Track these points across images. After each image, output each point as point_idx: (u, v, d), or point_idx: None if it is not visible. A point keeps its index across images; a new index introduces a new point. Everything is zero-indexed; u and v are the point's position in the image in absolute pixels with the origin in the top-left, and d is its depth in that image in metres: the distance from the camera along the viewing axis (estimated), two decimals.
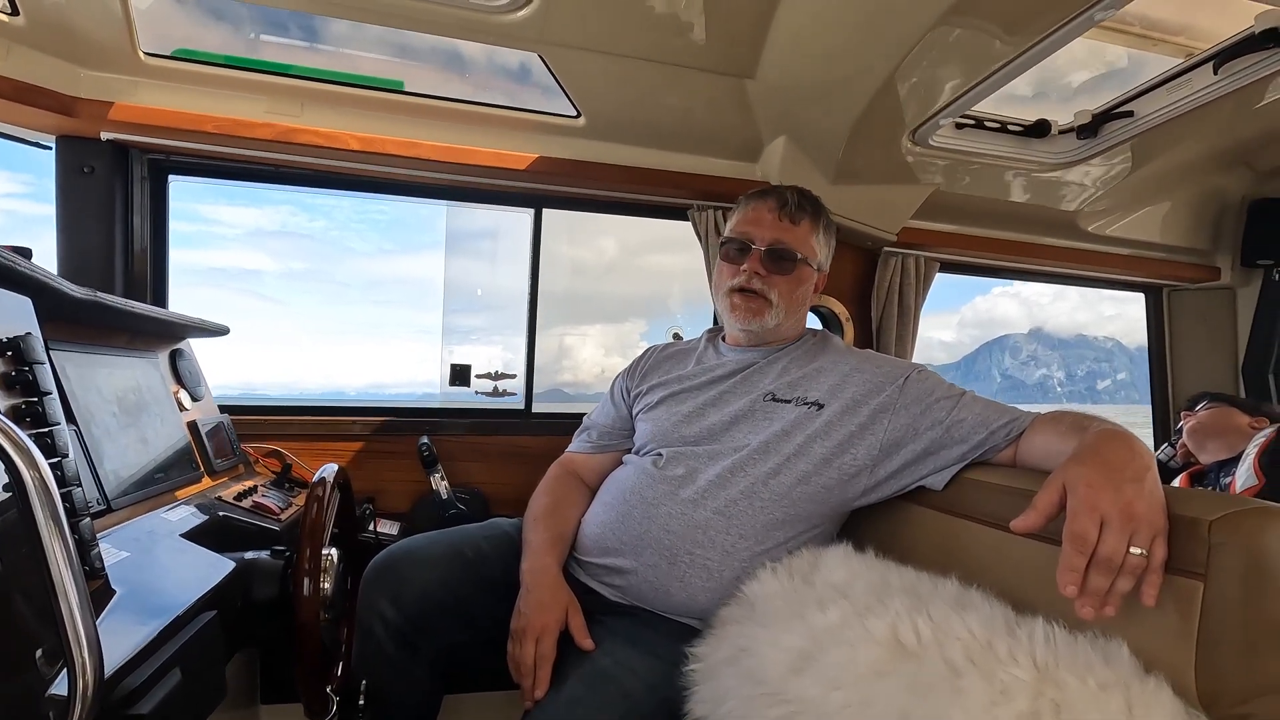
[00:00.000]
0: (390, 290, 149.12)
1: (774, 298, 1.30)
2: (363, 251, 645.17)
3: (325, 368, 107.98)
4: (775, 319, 1.32)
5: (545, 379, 2.06)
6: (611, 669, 1.05)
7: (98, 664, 0.58)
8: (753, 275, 1.30)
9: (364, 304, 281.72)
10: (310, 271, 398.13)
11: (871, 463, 1.19)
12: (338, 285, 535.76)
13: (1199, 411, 2.03)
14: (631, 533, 1.21)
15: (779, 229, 1.31)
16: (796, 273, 1.32)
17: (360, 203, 1.97)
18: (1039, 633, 0.79)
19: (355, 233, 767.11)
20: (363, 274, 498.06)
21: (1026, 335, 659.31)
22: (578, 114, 1.76)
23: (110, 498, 0.97)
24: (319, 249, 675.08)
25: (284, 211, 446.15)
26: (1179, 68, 1.50)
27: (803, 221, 1.33)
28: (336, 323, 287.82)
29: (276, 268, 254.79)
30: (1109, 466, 0.79)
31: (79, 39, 1.47)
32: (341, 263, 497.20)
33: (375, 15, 1.42)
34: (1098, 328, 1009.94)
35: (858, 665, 0.82)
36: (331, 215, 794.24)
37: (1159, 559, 0.73)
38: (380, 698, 1.18)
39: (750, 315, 1.31)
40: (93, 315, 1.08)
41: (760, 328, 1.33)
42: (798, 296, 1.34)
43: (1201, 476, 1.99)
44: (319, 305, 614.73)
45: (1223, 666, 0.70)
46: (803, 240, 1.32)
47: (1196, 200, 2.30)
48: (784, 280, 1.31)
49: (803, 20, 1.36)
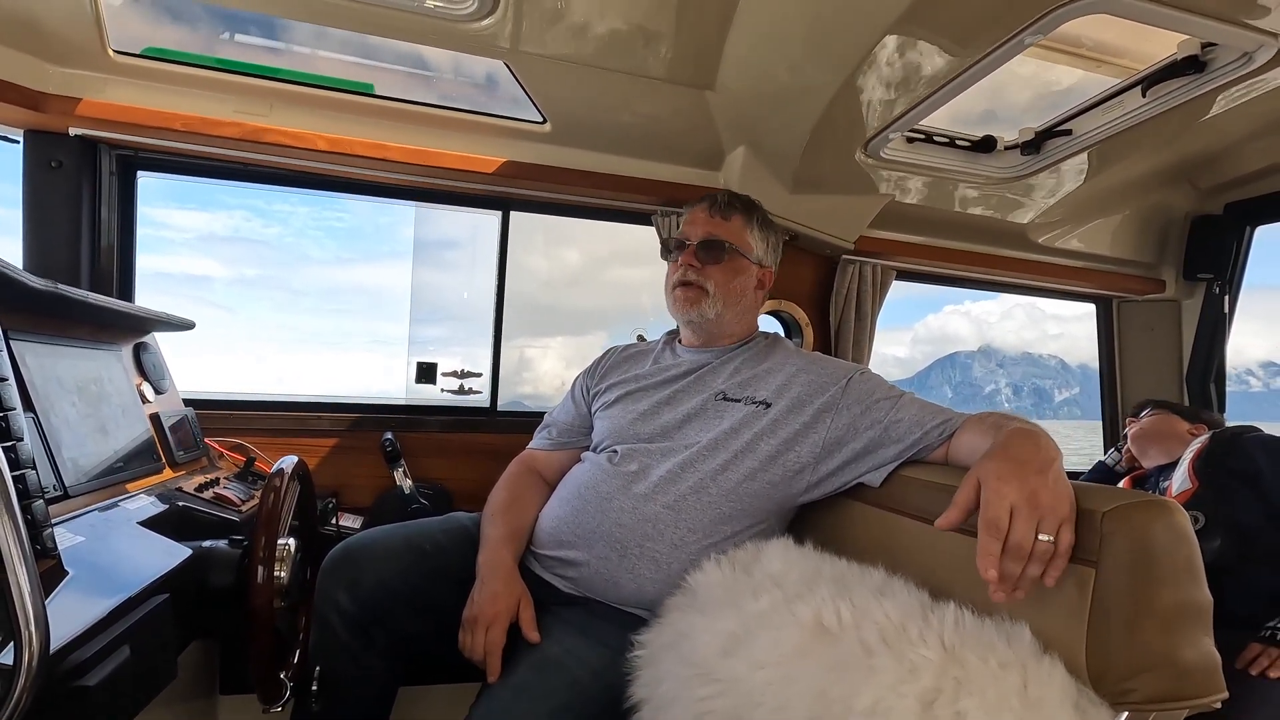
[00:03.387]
0: (349, 299, 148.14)
1: (710, 287, 1.37)
2: (320, 259, 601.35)
3: (280, 376, 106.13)
4: (714, 308, 1.38)
5: (506, 390, 2.10)
6: (560, 657, 1.09)
7: (44, 638, 0.61)
8: (688, 268, 1.38)
9: (321, 313, 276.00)
10: (264, 278, 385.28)
11: (814, 460, 1.24)
12: (292, 293, 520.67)
13: (1143, 418, 2.11)
14: (585, 526, 1.25)
15: (710, 224, 1.40)
16: (731, 263, 1.39)
17: (318, 209, 2.03)
18: (949, 617, 0.84)
19: (312, 240, 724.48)
20: (320, 282, 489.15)
21: (976, 352, 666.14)
22: (544, 120, 1.80)
23: (67, 485, 1.00)
24: (274, 255, 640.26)
25: (237, 217, 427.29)
26: (1112, 89, 1.58)
27: (734, 217, 1.41)
28: (292, 331, 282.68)
29: (228, 274, 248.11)
30: (1016, 460, 0.85)
31: (48, 35, 1.49)
32: (298, 270, 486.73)
33: (342, 20, 1.45)
34: (1042, 345, 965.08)
35: (782, 646, 0.87)
36: (288, 222, 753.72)
37: (1065, 544, 0.78)
38: (334, 686, 1.20)
39: (689, 305, 1.38)
40: (54, 307, 1.10)
41: (700, 317, 1.39)
42: (735, 287, 1.40)
43: (1143, 480, 2.07)
44: (272, 313, 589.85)
45: (1110, 646, 0.75)
46: (735, 233, 1.40)
47: (1143, 215, 2.39)
48: (717, 269, 1.38)
49: (757, 34, 1.42)
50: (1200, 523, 1.60)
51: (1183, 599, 0.75)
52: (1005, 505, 0.80)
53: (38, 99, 1.54)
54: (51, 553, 0.76)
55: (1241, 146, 1.96)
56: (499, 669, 1.10)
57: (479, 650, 1.12)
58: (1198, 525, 1.59)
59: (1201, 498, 1.69)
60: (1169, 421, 2.04)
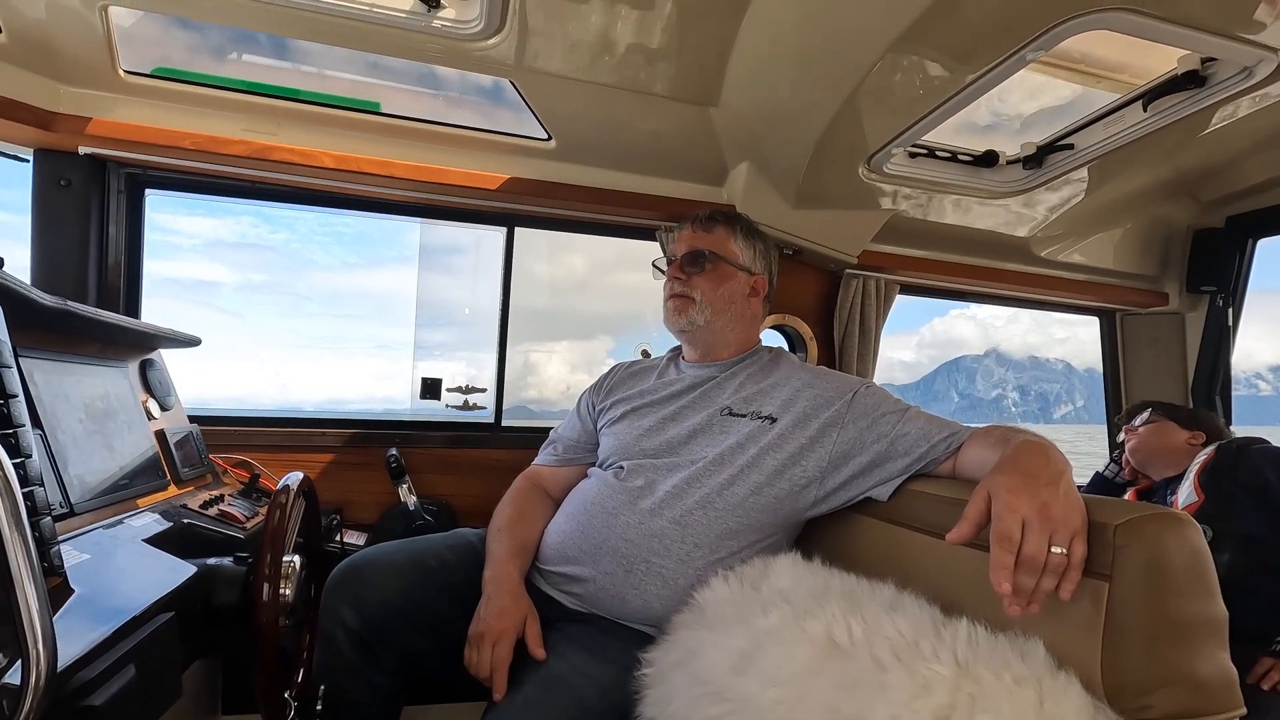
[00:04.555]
0: (354, 305, 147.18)
1: (697, 295, 1.40)
2: (326, 265, 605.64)
3: (284, 382, 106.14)
4: (703, 315, 1.40)
5: (510, 395, 2.10)
6: (566, 674, 1.08)
7: (51, 656, 0.60)
8: (675, 281, 1.42)
9: (326, 318, 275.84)
10: (270, 284, 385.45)
11: (821, 474, 1.24)
12: (298, 298, 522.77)
13: (1139, 427, 2.08)
14: (591, 542, 1.24)
15: (693, 239, 1.44)
16: (714, 270, 1.41)
17: (325, 216, 2.01)
18: (962, 632, 0.84)
19: (319, 245, 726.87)
20: (326, 288, 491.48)
21: (983, 356, 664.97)
22: (549, 137, 1.82)
23: (74, 502, 0.99)
24: (281, 261, 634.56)
25: (245, 223, 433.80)
26: (1113, 104, 1.59)
27: (715, 229, 1.44)
28: (296, 337, 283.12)
29: (235, 279, 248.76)
30: (1026, 473, 0.84)
31: (60, 56, 1.51)
32: (303, 276, 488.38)
33: (349, 40, 1.47)
34: (1049, 350, 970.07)
35: (793, 663, 0.86)
36: (294, 228, 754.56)
37: (1078, 556, 0.78)
38: (339, 704, 1.19)
39: (678, 313, 1.41)
40: (63, 324, 1.11)
41: (690, 324, 1.40)
42: (722, 294, 1.41)
43: (1150, 493, 2.05)
44: (277, 318, 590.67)
45: (1126, 661, 0.75)
46: (717, 243, 1.43)
47: (1145, 228, 2.40)
48: (702, 278, 1.41)
49: (759, 51, 1.43)
50: (1209, 536, 1.59)
51: (1198, 612, 0.75)
52: (1017, 518, 0.79)
53: (48, 118, 1.56)
54: (58, 570, 0.76)
55: (1242, 160, 1.97)
56: (505, 686, 1.09)
57: (485, 667, 1.11)
58: (1206, 538, 1.58)
59: (1208, 511, 1.68)
60: (1166, 431, 2.00)
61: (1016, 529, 0.79)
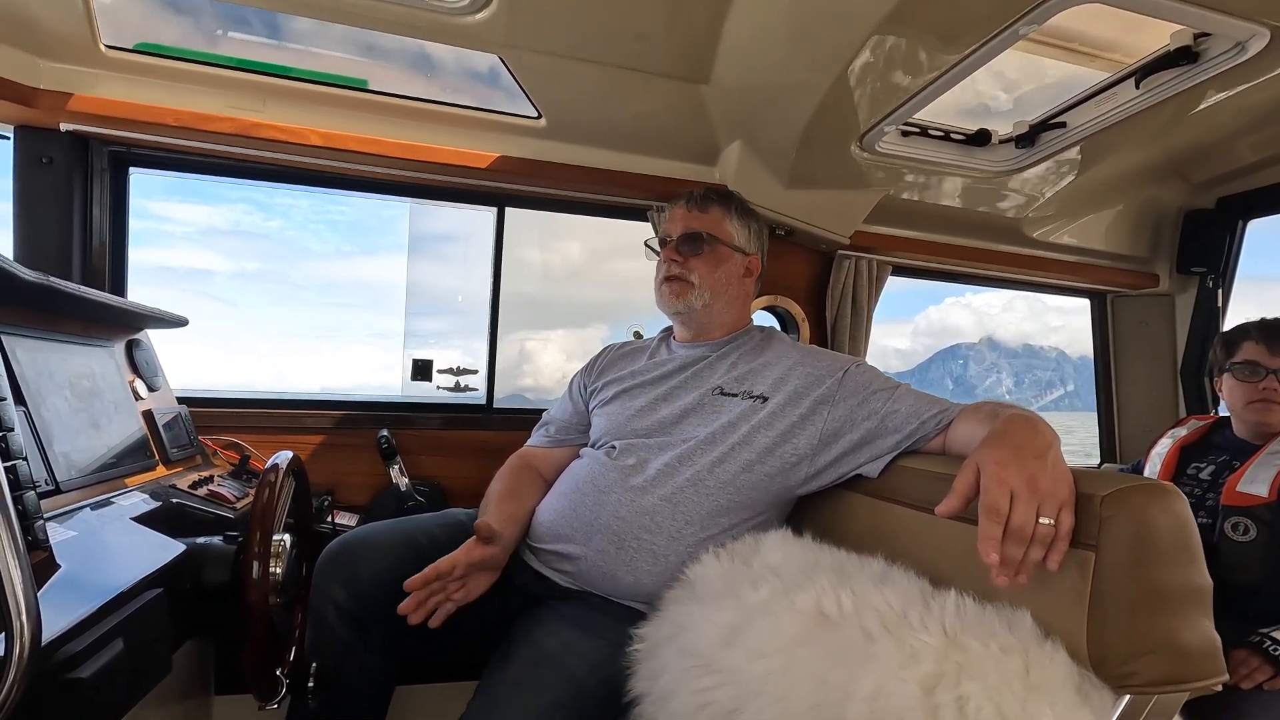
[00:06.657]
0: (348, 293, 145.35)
1: (694, 279, 1.39)
2: (320, 253, 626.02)
3: (278, 369, 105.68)
4: (701, 298, 1.39)
5: (506, 384, 2.09)
6: (557, 651, 1.08)
7: (35, 628, 0.60)
8: (671, 263, 1.40)
9: (320, 306, 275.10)
10: (265, 272, 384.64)
11: (812, 452, 1.24)
12: (293, 287, 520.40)
13: None
14: (583, 520, 1.25)
15: (688, 219, 1.42)
16: (713, 252, 1.40)
17: (319, 203, 2.01)
18: (950, 603, 0.84)
19: (313, 233, 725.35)
20: (320, 276, 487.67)
21: (977, 344, 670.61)
22: (539, 115, 1.80)
23: (59, 480, 0.99)
24: (275, 249, 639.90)
25: (238, 210, 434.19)
26: (1105, 82, 1.58)
27: (711, 208, 1.43)
28: (290, 325, 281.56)
29: (229, 267, 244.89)
30: (1014, 445, 0.85)
31: (39, 30, 1.47)
32: (298, 264, 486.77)
33: (335, 14, 1.44)
34: (1043, 338, 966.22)
35: (782, 635, 0.87)
36: (289, 215, 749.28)
37: (1065, 527, 0.78)
38: (330, 682, 1.19)
39: (675, 297, 1.39)
40: (46, 301, 1.09)
41: (688, 308, 1.40)
42: (720, 276, 1.40)
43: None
44: (271, 306, 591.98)
45: (1111, 630, 0.75)
46: (713, 224, 1.42)
47: (1136, 209, 2.40)
48: (699, 260, 1.39)
49: (750, 28, 1.42)
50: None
51: (1182, 581, 0.75)
52: (1005, 490, 0.80)
53: (28, 94, 1.52)
54: (43, 545, 0.75)
55: (1233, 140, 1.96)
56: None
57: (418, 582, 1.12)
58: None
59: None
60: None
61: (1004, 500, 0.79)
